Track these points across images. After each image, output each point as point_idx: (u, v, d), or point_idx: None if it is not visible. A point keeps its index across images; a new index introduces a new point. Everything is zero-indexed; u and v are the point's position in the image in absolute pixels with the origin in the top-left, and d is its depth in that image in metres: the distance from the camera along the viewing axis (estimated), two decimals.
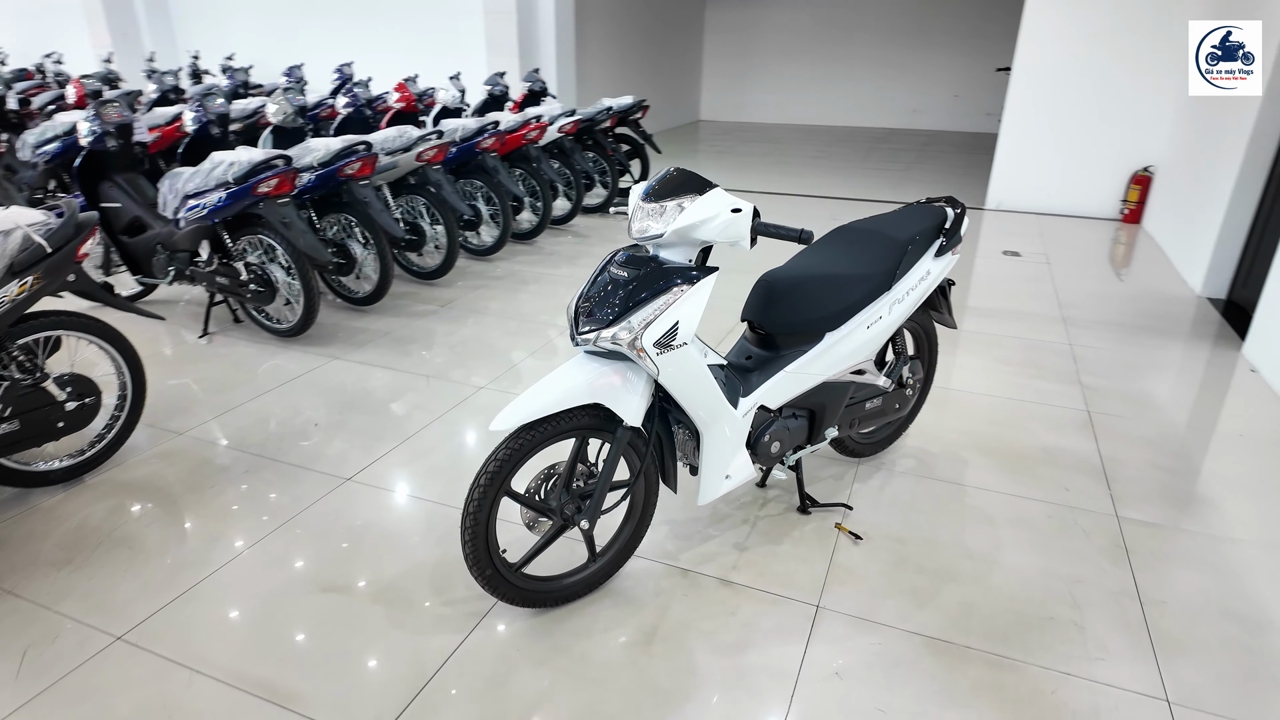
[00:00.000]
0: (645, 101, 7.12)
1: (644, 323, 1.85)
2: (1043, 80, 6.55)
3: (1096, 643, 2.01)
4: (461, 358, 3.77)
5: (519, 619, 2.09)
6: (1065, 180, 6.73)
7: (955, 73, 12.32)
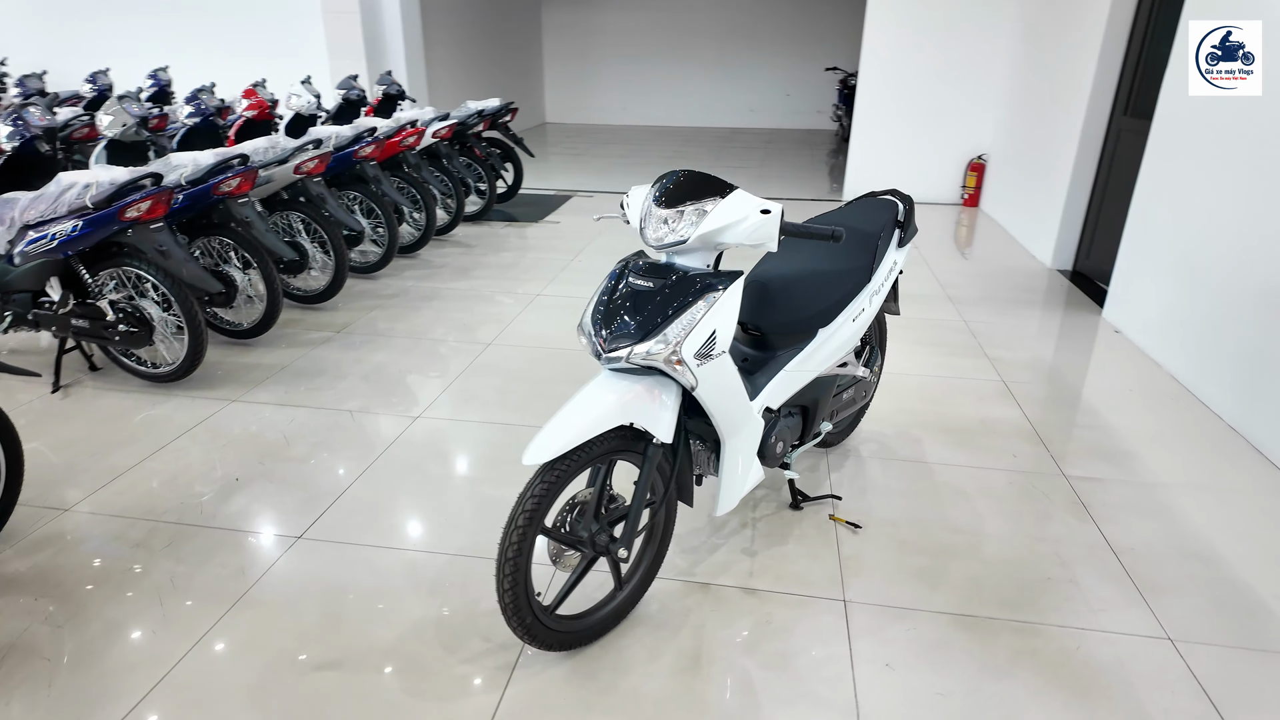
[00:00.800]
0: (513, 104, 6.91)
1: (681, 334, 1.76)
2: (886, 79, 7.06)
3: (1093, 596, 2.17)
4: (382, 387, 3.45)
5: (552, 664, 1.93)
6: (912, 170, 7.30)
7: (787, 72, 13.05)
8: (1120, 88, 4.74)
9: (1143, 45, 4.55)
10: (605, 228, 6.32)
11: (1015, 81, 6.42)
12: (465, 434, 3.05)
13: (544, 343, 3.96)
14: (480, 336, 4.04)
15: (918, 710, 1.80)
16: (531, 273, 5.14)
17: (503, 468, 2.81)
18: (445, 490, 2.68)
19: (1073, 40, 5.13)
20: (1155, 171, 3.91)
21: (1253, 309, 3.03)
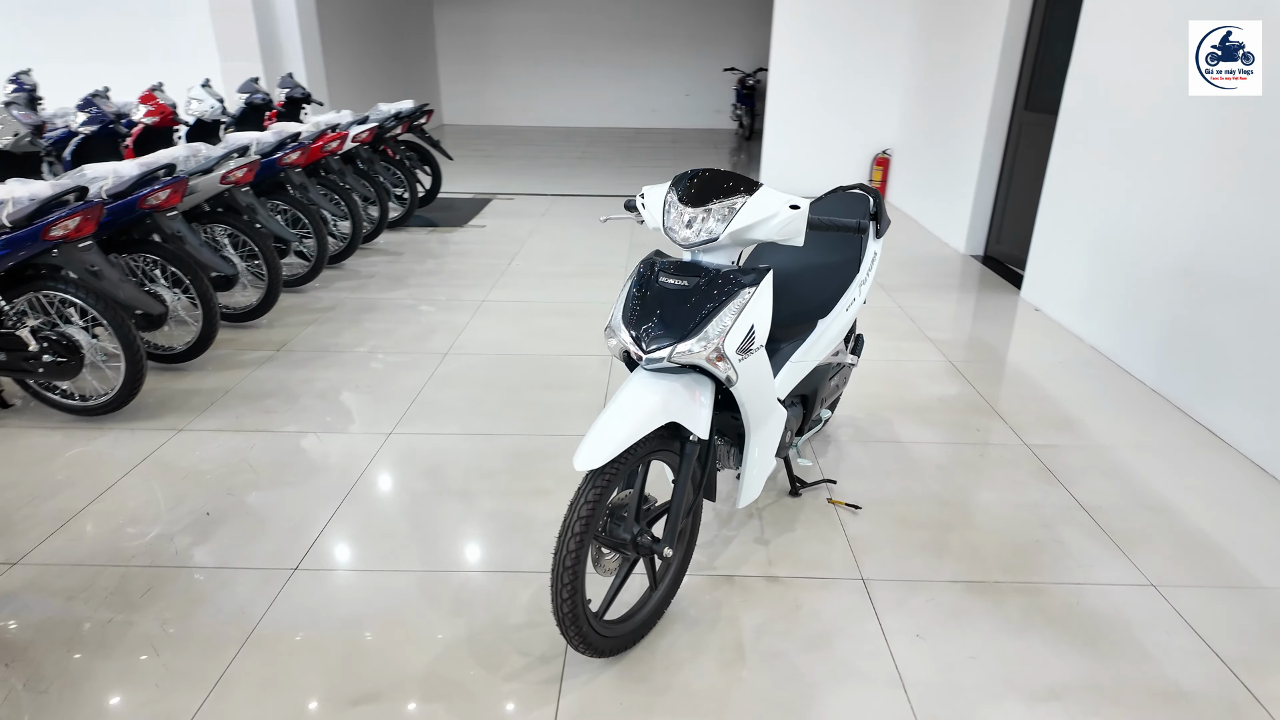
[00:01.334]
0: (428, 105, 6.71)
1: (722, 331, 1.78)
2: (795, 78, 7.33)
3: (1079, 553, 2.36)
4: (342, 405, 3.28)
5: (599, 671, 1.91)
6: (823, 165, 7.61)
7: (687, 73, 13.28)
8: (1020, 85, 5.12)
9: (1038, 47, 4.95)
10: (535, 231, 6.24)
11: (916, 79, 6.81)
12: (447, 447, 2.95)
13: (504, 349, 3.87)
14: (434, 346, 3.91)
15: (955, 675, 1.90)
16: (470, 278, 5.01)
17: (496, 479, 2.74)
18: (441, 507, 2.58)
19: (972, 41, 5.51)
20: (1064, 162, 4.25)
21: (1169, 284, 3.36)
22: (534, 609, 2.11)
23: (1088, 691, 1.85)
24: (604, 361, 3.73)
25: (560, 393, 3.41)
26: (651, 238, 6.05)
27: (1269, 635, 2.03)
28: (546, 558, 2.31)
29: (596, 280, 5.02)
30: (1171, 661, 1.94)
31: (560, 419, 3.17)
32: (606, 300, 4.61)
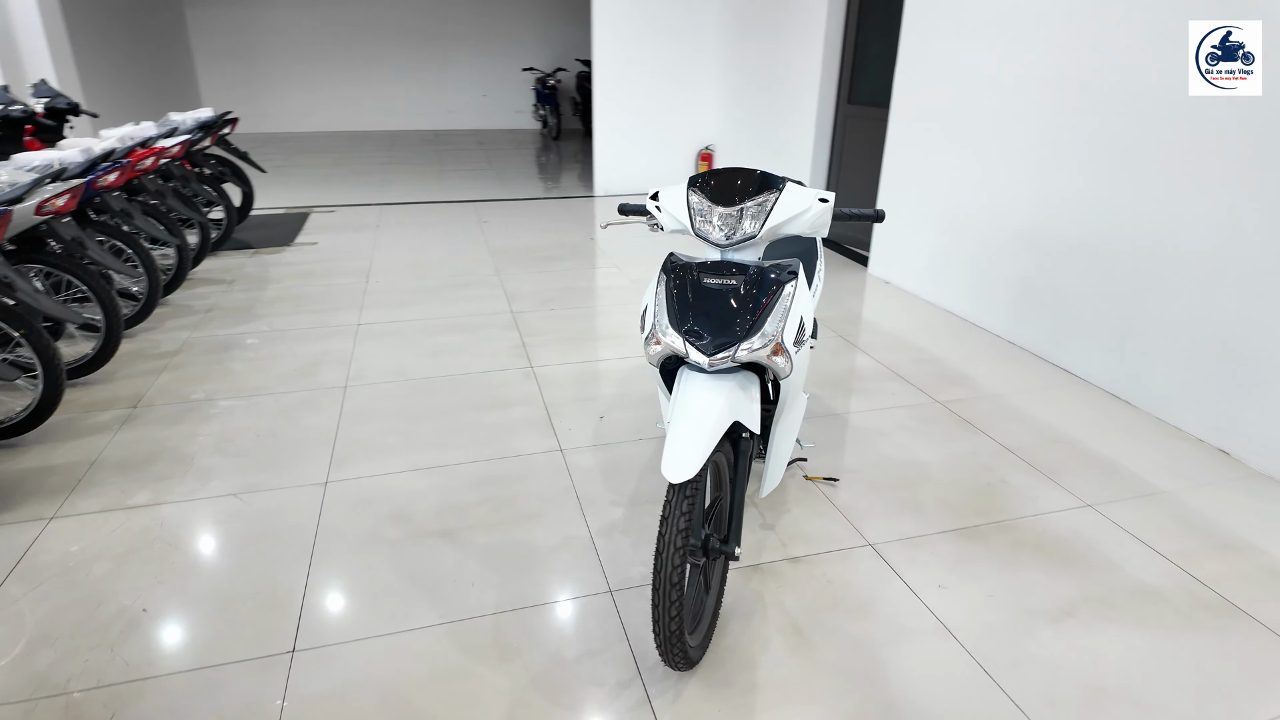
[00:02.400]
0: (231, 113, 5.97)
1: (778, 326, 1.81)
2: (618, 78, 7.46)
3: (1024, 488, 2.71)
4: (250, 459, 2.87)
5: (680, 685, 1.88)
6: (653, 163, 7.85)
7: (483, 73, 12.98)
8: (841, 81, 5.65)
9: (855, 48, 5.49)
10: (377, 244, 5.81)
11: (733, 78, 7.24)
12: (401, 487, 2.69)
13: (409, 374, 3.59)
14: (327, 380, 3.52)
15: (985, 614, 2.11)
16: (329, 301, 4.57)
17: (474, 512, 2.56)
18: (429, 551, 2.36)
19: (793, 43, 5.97)
20: (900, 147, 4.77)
21: (1014, 250, 3.92)
22: (586, 637, 2.02)
23: (1088, 603, 2.15)
24: (525, 373, 3.60)
25: (496, 412, 3.24)
26: (512, 244, 5.89)
27: (1185, 529, 2.48)
28: (573, 583, 2.22)
29: (472, 291, 4.80)
30: (1132, 565, 2.31)
31: (510, 439, 3.02)
32: (495, 311, 4.43)
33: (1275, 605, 2.14)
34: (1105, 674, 1.91)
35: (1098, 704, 1.82)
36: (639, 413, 3.24)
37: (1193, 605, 2.14)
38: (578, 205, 7.42)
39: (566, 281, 5.04)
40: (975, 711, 1.80)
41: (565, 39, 13.05)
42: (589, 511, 2.57)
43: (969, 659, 1.96)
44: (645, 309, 1.99)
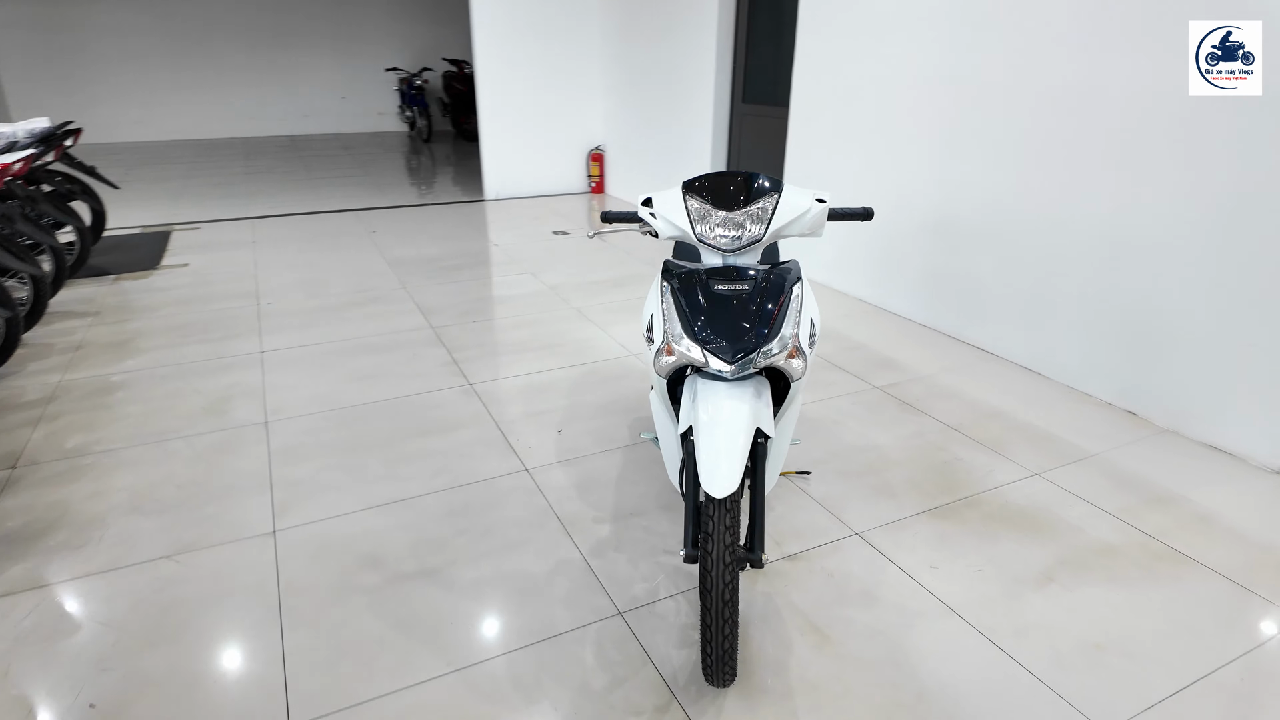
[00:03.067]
0: (73, 123, 5.28)
1: (794, 328, 1.81)
2: (501, 79, 7.27)
3: (977, 464, 2.87)
4: (172, 517, 2.55)
5: (718, 701, 1.84)
6: (542, 165, 7.71)
7: (339, 74, 12.27)
8: (735, 80, 5.78)
9: (747, 51, 5.63)
10: (259, 262, 5.35)
11: (622, 77, 7.23)
12: (362, 529, 2.48)
13: (335, 403, 3.32)
14: (242, 417, 3.20)
15: (978, 588, 2.22)
16: (221, 329, 4.15)
17: (452, 546, 2.40)
18: (415, 595, 2.19)
19: (684, 45, 6.04)
20: (802, 145, 4.94)
21: (920, 239, 4.16)
22: (608, 665, 1.94)
23: (1063, 567, 2.31)
24: (464, 392, 3.42)
25: (444, 436, 3.06)
26: (410, 254, 5.60)
27: (1119, 487, 2.72)
28: (578, 610, 2.13)
29: (380, 307, 4.51)
30: (1089, 526, 2.50)
31: (468, 463, 2.86)
32: (412, 327, 4.19)
33: (1213, 549, 2.39)
34: (1097, 631, 2.05)
35: (1099, 660, 1.96)
36: (597, 423, 3.16)
37: (1149, 558, 2.35)
38: (469, 210, 7.17)
39: (480, 291, 4.85)
40: (996, 683, 1.89)
41: (429, 38, 12.57)
42: (574, 532, 2.47)
43: (976, 634, 2.05)
44: (649, 319, 1.93)
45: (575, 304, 4.60)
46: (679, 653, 1.98)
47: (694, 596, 2.18)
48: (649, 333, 1.93)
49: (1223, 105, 2.75)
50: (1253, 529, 2.49)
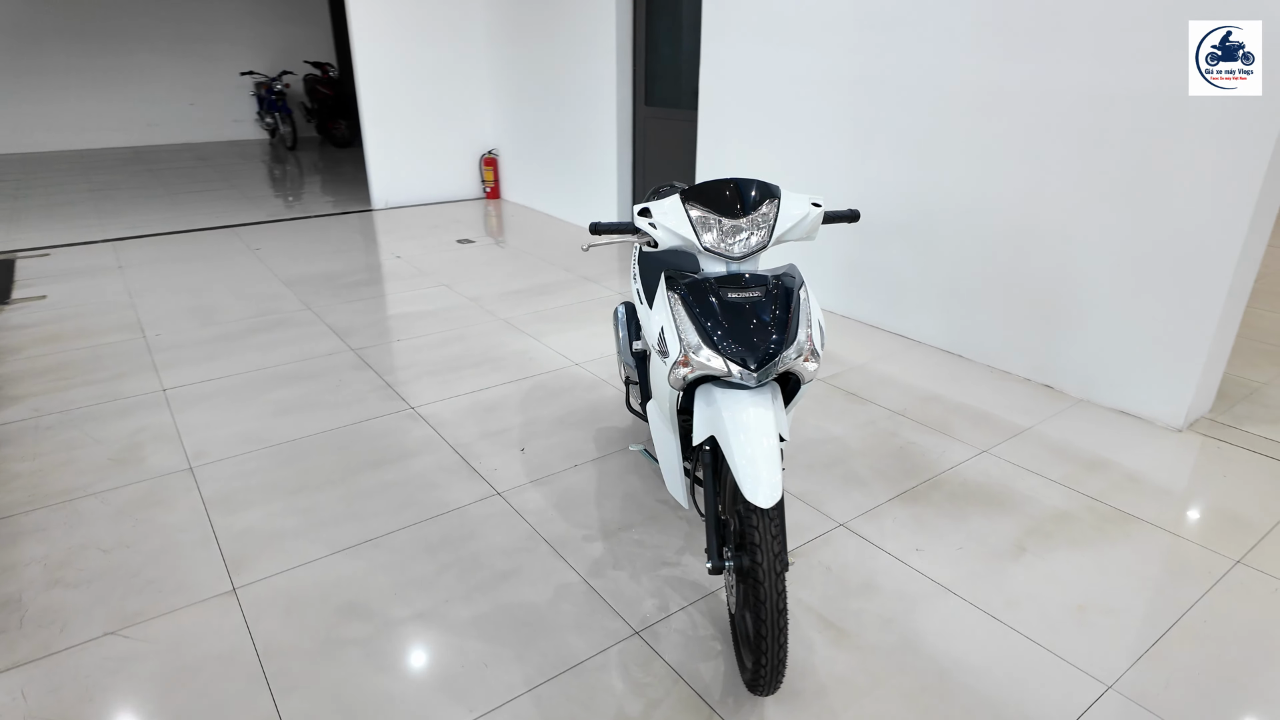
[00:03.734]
0: None
1: (806, 332, 1.83)
2: (384, 83, 6.92)
3: (931, 445, 3.03)
4: (108, 584, 2.25)
5: (754, 710, 1.84)
6: (432, 171, 7.42)
7: (188, 78, 11.26)
8: (637, 84, 5.80)
9: (646, 54, 5.66)
10: (132, 289, 4.83)
11: (514, 80, 7.07)
12: (333, 576, 2.29)
13: (266, 439, 3.05)
14: (160, 464, 2.87)
15: (963, 565, 2.34)
16: (107, 367, 3.70)
17: (440, 584, 2.26)
18: (411, 642, 2.04)
19: (583, 48, 5.99)
20: (712, 146, 5.03)
21: (840, 234, 4.34)
22: (639, 688, 1.89)
23: (1030, 536, 2.48)
24: (408, 417, 3.24)
25: (398, 466, 2.88)
26: (304, 271, 5.23)
27: (1056, 456, 2.95)
28: (593, 635, 2.07)
29: (287, 331, 4.19)
30: (1041, 495, 2.70)
31: (433, 493, 2.71)
32: (331, 351, 3.92)
33: (1147, 505, 2.64)
34: (1076, 593, 2.22)
35: (1086, 619, 2.12)
36: (558, 438, 3.08)
37: (1098, 520, 2.57)
38: (358, 221, 6.79)
39: (395, 307, 4.61)
40: (1002, 652, 2.00)
41: (286, 39, 11.78)
42: (566, 554, 2.40)
43: (973, 609, 2.16)
44: (660, 332, 1.90)
45: (502, 315, 4.46)
46: (706, 666, 1.96)
47: (706, 607, 2.17)
48: (660, 345, 1.89)
49: (1115, 100, 3.04)
50: (1174, 483, 2.78)
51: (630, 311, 3.14)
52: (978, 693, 1.88)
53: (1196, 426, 3.16)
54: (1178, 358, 3.06)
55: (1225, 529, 2.52)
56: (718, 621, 2.12)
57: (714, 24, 4.76)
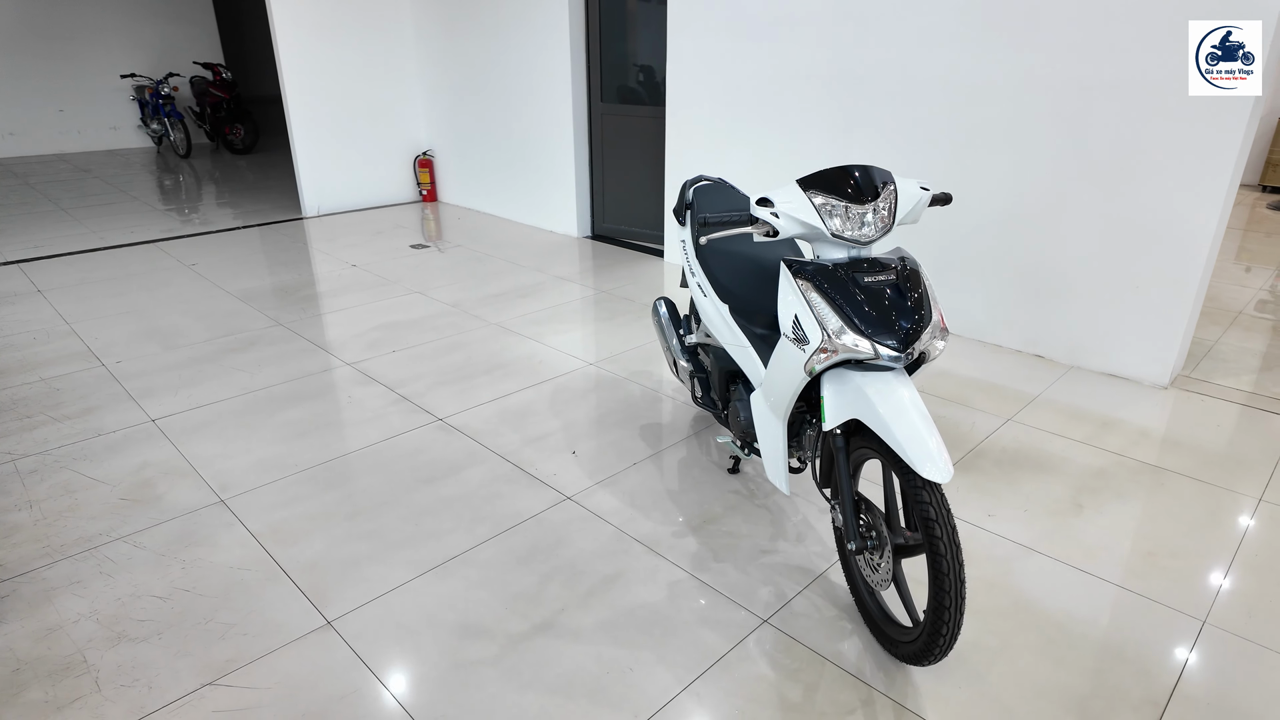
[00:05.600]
0: None
1: (939, 313, 1.89)
2: (312, 86, 6.54)
3: (961, 417, 3.20)
4: (181, 634, 2.05)
5: (905, 680, 1.90)
6: (365, 175, 7.09)
7: (55, 82, 10.21)
8: (591, 81, 5.76)
9: (600, 50, 5.63)
10: (74, 315, 4.36)
11: (449, 78, 6.84)
12: (433, 598, 2.17)
13: (295, 464, 2.84)
14: (184, 501, 2.62)
15: (1034, 524, 2.49)
16: (72, 401, 3.33)
17: (549, 594, 2.19)
18: (544, 654, 1.97)
19: (532, 44, 5.88)
20: (680, 142, 5.07)
21: None
22: (791, 673, 1.91)
23: (1080, 493, 2.67)
24: (440, 429, 3.11)
25: (453, 480, 2.76)
26: (256, 285, 4.89)
27: (1072, 419, 3.18)
28: (723, 628, 2.07)
29: (267, 349, 3.91)
30: (1075, 455, 2.91)
31: (504, 503, 2.62)
32: (325, 367, 3.69)
33: (1167, 456, 2.90)
34: (1142, 541, 2.42)
35: (1157, 564, 2.31)
36: (605, 439, 3.03)
37: (1131, 473, 2.80)
38: (292, 230, 6.39)
39: (374, 318, 4.38)
40: (1104, 601, 2.15)
41: (166, 39, 10.90)
42: (664, 552, 2.37)
43: (1061, 564, 2.31)
44: (794, 320, 1.91)
45: (493, 320, 4.33)
46: (846, 645, 2.01)
47: (821, 589, 2.21)
48: (796, 333, 1.91)
49: (1093, 89, 3.31)
50: (1179, 435, 3.06)
51: (671, 308, 3.14)
52: (1096, 640, 2.02)
53: (1178, 383, 3.49)
54: (1164, 320, 3.37)
55: (1236, 471, 2.80)
56: (837, 602, 2.16)
57: (680, 19, 4.80)
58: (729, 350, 2.49)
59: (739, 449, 2.60)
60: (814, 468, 2.25)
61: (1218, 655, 1.97)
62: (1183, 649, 1.99)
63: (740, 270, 2.57)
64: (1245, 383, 3.50)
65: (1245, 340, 4.00)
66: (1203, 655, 1.96)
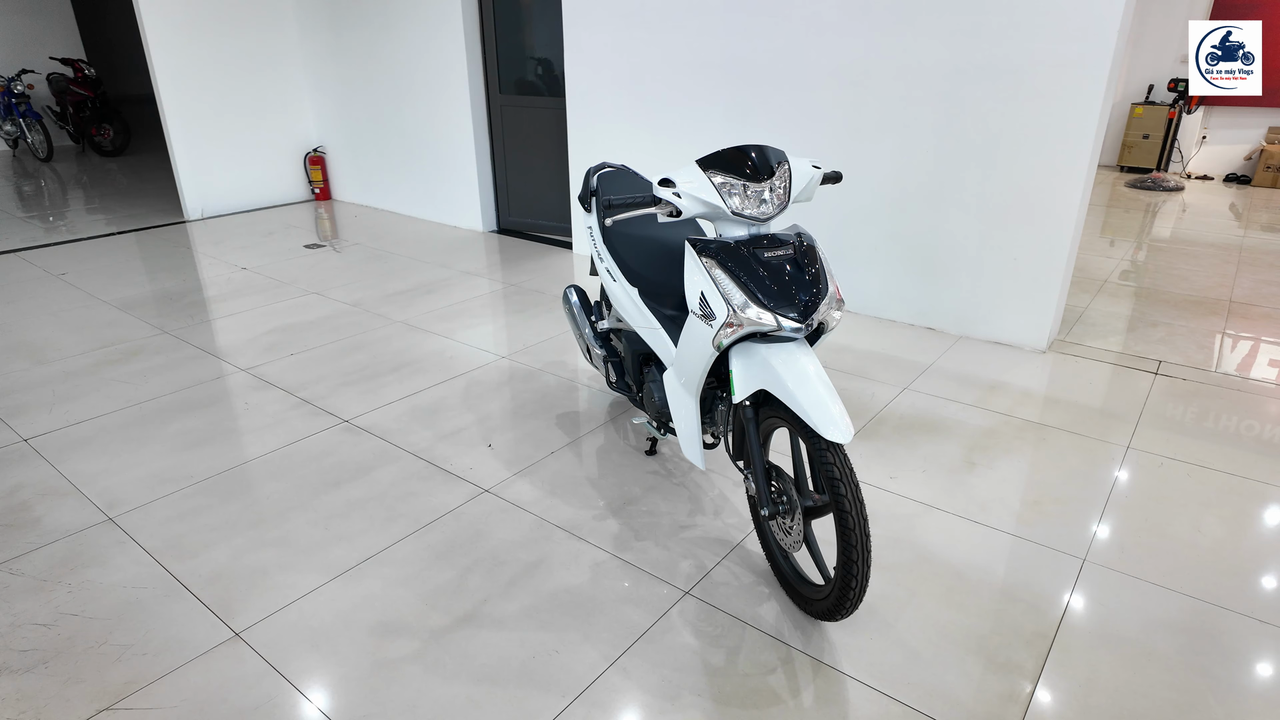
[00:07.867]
0: None
1: (835, 284, 1.97)
2: (187, 84, 6.17)
3: (861, 388, 3.35)
4: (59, 668, 1.91)
5: (821, 636, 1.99)
6: (253, 175, 6.75)
7: None
8: (489, 72, 5.67)
9: (496, 41, 5.55)
10: None
11: (338, 72, 6.59)
12: (349, 601, 2.11)
13: (190, 475, 2.70)
14: (67, 521, 2.44)
15: (932, 483, 2.65)
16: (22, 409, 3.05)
17: (469, 586, 2.16)
18: (468, 646, 1.95)
19: (417, 34, 5.73)
20: (583, 132, 5.07)
21: None
22: (713, 640, 1.96)
23: (972, 451, 2.84)
24: (345, 430, 3.01)
25: (363, 481, 2.68)
26: (137, 293, 4.60)
27: (962, 385, 3.39)
28: (646, 604, 2.10)
29: (152, 359, 3.68)
30: (966, 417, 3.10)
31: (419, 500, 2.56)
32: (219, 374, 3.50)
33: (1049, 413, 3.13)
34: (1028, 492, 2.60)
35: (1044, 511, 2.49)
36: (521, 430, 3.01)
37: (1016, 431, 3.01)
38: (174, 234, 6.01)
39: (269, 321, 4.19)
40: (997, 549, 2.31)
41: (20, 32, 10.03)
42: (585, 535, 2.39)
43: (957, 518, 2.46)
44: (700, 297, 1.96)
45: (397, 318, 4.22)
46: (764, 608, 2.07)
47: (738, 558, 2.27)
48: (703, 310, 1.95)
49: (965, 71, 3.52)
50: (1057, 393, 3.31)
51: (582, 295, 3.14)
52: (992, 584, 2.16)
53: (1054, 347, 3.77)
54: (1040, 290, 3.63)
55: (1108, 423, 3.05)
56: (754, 569, 2.23)
57: (575, 10, 4.79)
58: (640, 333, 2.52)
59: (655, 429, 2.64)
60: (727, 442, 2.31)
61: (1097, 588, 2.15)
62: (1067, 586, 2.16)
63: (647, 253, 2.61)
64: (1113, 344, 3.81)
65: (1112, 306, 4.35)
66: (1084, 590, 2.14)
